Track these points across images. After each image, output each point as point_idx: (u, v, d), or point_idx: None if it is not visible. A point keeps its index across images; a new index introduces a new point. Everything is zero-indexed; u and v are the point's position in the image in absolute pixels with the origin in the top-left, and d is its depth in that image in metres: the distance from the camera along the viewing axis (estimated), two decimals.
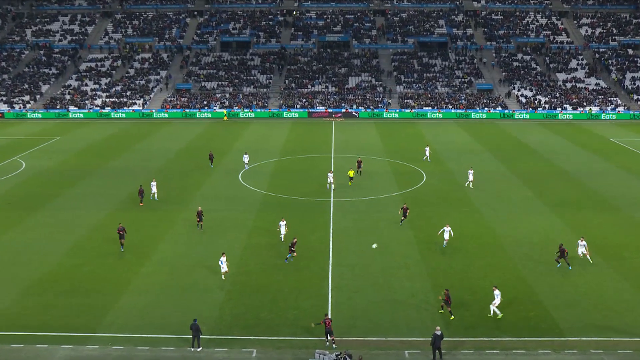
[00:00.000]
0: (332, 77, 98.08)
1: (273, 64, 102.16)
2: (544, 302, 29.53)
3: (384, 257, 35.09)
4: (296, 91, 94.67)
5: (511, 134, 74.89)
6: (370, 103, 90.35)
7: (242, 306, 29.33)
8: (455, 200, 46.03)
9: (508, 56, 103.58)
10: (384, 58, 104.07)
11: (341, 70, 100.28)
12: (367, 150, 64.59)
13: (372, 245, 34.97)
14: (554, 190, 48.91)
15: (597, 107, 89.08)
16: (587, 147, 66.07)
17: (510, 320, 28.03)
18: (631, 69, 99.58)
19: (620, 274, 32.72)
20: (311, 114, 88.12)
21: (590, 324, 27.48)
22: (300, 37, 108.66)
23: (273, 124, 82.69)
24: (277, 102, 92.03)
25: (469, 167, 51.83)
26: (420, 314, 28.63)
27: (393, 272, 33.06)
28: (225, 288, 31.11)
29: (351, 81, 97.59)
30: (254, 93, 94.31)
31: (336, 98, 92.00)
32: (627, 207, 44.26)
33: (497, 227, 40.07)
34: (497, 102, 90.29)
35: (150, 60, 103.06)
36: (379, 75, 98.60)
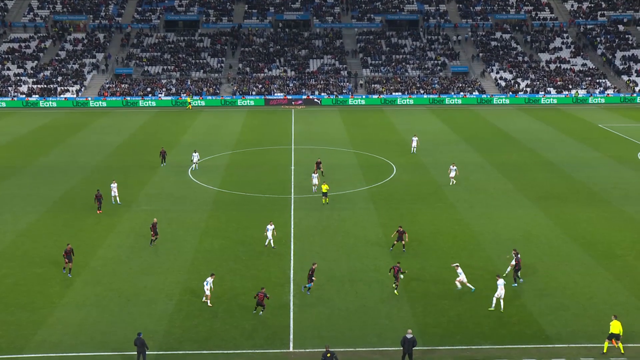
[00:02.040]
0: (291, 60, 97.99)
1: (225, 45, 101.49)
2: (528, 306, 30.11)
3: (350, 259, 35.30)
4: (251, 76, 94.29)
5: (489, 121, 76.08)
6: (333, 89, 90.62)
7: (194, 317, 29.13)
8: (428, 195, 46.58)
9: (486, 35, 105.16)
10: (348, 38, 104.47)
11: (301, 52, 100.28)
12: (330, 141, 64.81)
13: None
14: (537, 183, 49.89)
15: (584, 90, 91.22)
16: (574, 135, 67.60)
17: (491, 326, 28.50)
18: (622, 47, 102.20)
19: (613, 273, 33.55)
20: (268, 101, 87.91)
21: (579, 330, 28.13)
22: (255, 15, 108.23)
23: (226, 113, 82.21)
24: (230, 89, 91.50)
25: (449, 161, 52.34)
26: (391, 321, 28.89)
27: (361, 275, 33.26)
28: (174, 298, 30.84)
29: (312, 64, 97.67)
30: (204, 78, 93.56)
31: (296, 83, 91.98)
32: (617, 200, 45.45)
33: (474, 224, 40.68)
34: (473, 86, 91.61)
35: (84, 42, 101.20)
36: (343, 58, 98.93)
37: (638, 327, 28.18)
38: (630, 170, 53.31)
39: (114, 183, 45.37)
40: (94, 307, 30.03)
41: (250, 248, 36.94)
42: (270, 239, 36.65)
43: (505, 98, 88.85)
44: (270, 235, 36.61)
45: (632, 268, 34.19)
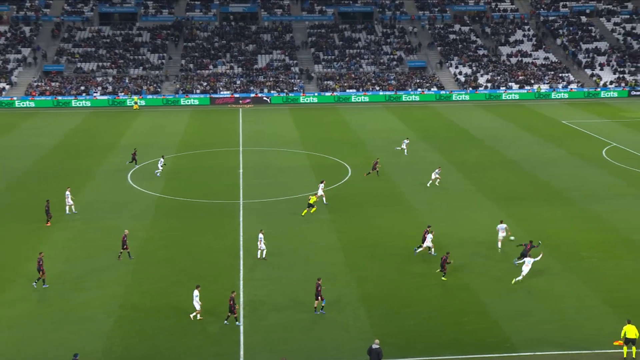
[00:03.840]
0: (237, 56, 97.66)
1: (166, 40, 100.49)
2: (492, 313, 30.63)
3: (304, 267, 35.36)
4: (195, 73, 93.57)
5: (449, 118, 77.23)
6: (284, 86, 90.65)
7: (135, 334, 28.71)
8: (386, 198, 46.98)
9: (444, 28, 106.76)
10: (299, 32, 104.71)
11: (248, 47, 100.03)
12: (281, 141, 64.82)
13: (510, 238, 37.66)
14: (499, 182, 50.85)
15: (547, 84, 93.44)
16: (536, 132, 69.14)
17: (453, 334, 28.89)
18: (585, 39, 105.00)
19: (579, 276, 34.36)
20: (214, 100, 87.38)
21: (545, 337, 28.69)
22: (198, 7, 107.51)
23: (168, 113, 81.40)
24: (173, 87, 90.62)
25: (406, 161, 52.84)
26: (349, 333, 29.03)
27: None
28: (114, 314, 30.35)
29: (261, 60, 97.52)
30: (144, 76, 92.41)
31: (243, 81, 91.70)
32: (582, 200, 46.64)
33: (434, 227, 41.10)
34: (431, 82, 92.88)
35: (8, 35, 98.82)
36: (294, 53, 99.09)
37: (607, 331, 28.94)
38: (594, 168, 54.80)
39: (68, 191, 44.22)
40: (25, 327, 29.32)
41: (196, 258, 36.64)
42: (263, 249, 36.21)
43: (465, 94, 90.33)
44: (262, 245, 36.16)
45: (598, 270, 35.12)
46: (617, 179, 51.51)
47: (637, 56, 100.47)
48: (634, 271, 35.00)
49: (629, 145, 62.74)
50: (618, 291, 32.68)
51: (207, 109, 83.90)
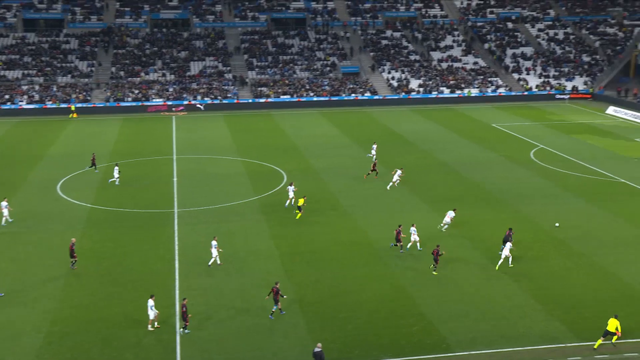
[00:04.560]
0: (170, 63, 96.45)
1: (95, 47, 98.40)
2: (427, 315, 31.10)
3: (241, 275, 35.15)
4: (126, 81, 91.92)
5: (382, 122, 78.14)
6: (217, 93, 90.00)
7: (67, 350, 27.92)
8: (321, 203, 47.15)
9: (376, 33, 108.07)
10: (231, 38, 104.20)
11: (180, 54, 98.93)
12: (216, 148, 64.32)
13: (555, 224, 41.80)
14: (432, 185, 51.71)
15: (477, 88, 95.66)
16: (467, 135, 70.64)
17: (391, 338, 29.18)
18: (512, 44, 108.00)
19: (511, 276, 35.23)
20: (146, 108, 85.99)
21: (480, 336, 29.30)
22: (128, 13, 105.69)
23: (99, 121, 79.66)
24: (103, 95, 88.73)
25: (341, 166, 53.15)
26: (287, 338, 28.97)
27: (254, 292, 33.16)
28: (43, 330, 29.44)
29: (193, 67, 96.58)
30: (73, 84, 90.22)
31: (176, 88, 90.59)
32: (513, 201, 47.88)
33: (370, 231, 41.60)
34: (365, 87, 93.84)
35: None
36: (227, 60, 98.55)
37: (537, 330, 29.76)
38: (524, 170, 56.32)
39: (4, 201, 42.80)
40: None
41: (129, 269, 35.94)
42: (217, 255, 36.02)
43: (398, 98, 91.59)
44: (216, 252, 35.99)
45: (530, 269, 36.08)
46: (544, 180, 53.08)
47: (561, 61, 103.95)
48: (561, 269, 36.13)
49: (555, 147, 64.79)
50: (547, 289, 33.65)
51: (139, 117, 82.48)
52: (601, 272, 35.75)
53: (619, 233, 41.43)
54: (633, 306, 31.89)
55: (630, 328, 29.79)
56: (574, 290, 33.58)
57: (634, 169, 57.01)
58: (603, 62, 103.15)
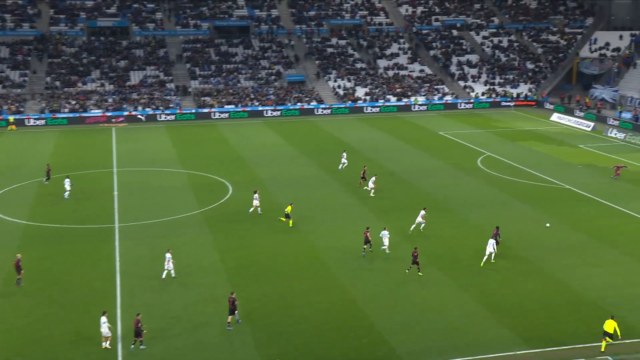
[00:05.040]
0: (108, 73, 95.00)
1: (28, 56, 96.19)
2: (377, 326, 31.21)
3: (186, 290, 34.71)
4: (62, 91, 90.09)
5: (329, 131, 78.50)
6: (159, 103, 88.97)
7: None
8: (267, 214, 46.97)
9: (321, 41, 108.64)
10: (173, 47, 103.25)
11: (120, 63, 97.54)
12: (158, 161, 63.53)
13: (546, 225, 43.69)
14: (380, 194, 52.04)
15: (423, 96, 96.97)
16: (415, 143, 71.48)
17: (341, 351, 29.17)
18: (457, 52, 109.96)
19: (459, 284, 35.70)
20: (84, 119, 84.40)
21: (431, 346, 29.55)
22: (64, 21, 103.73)
23: (34, 133, 77.82)
24: (38, 106, 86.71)
25: (287, 177, 53.07)
26: (234, 355, 28.69)
27: (199, 308, 32.79)
28: None
29: (134, 77, 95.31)
30: (4, 95, 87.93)
31: (116, 98, 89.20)
32: (460, 208, 48.59)
33: (318, 242, 41.65)
34: (311, 96, 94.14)
35: None
36: (169, 69, 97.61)
37: (487, 338, 30.19)
38: (471, 178, 57.25)
39: None
40: None
41: (68, 287, 35.09)
42: (171, 269, 35.69)
43: (344, 107, 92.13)
44: (171, 266, 35.69)
45: (478, 277, 36.63)
46: (492, 188, 54.07)
47: (506, 68, 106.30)
48: (510, 276, 36.78)
49: (501, 154, 66.09)
50: (496, 297, 34.20)
51: (77, 129, 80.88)
52: (548, 278, 36.51)
53: (565, 239, 42.44)
54: (580, 312, 32.65)
55: (578, 333, 30.48)
56: (522, 297, 34.20)
57: (578, 175, 58.58)
58: (546, 70, 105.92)
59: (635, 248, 40.88)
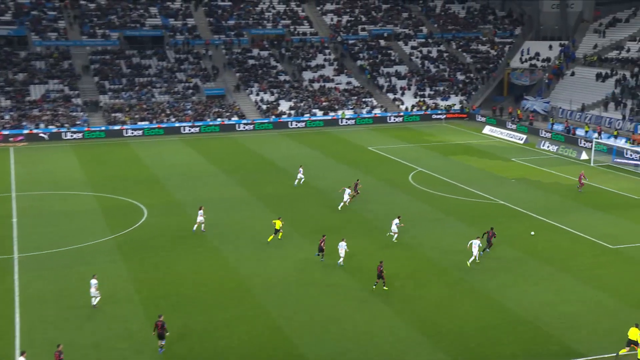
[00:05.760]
0: (4, 87, 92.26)
1: None
2: (307, 356, 31.13)
3: (97, 325, 33.82)
4: None
5: (252, 148, 78.41)
6: (64, 120, 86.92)
7: None
8: (186, 239, 46.48)
9: (242, 52, 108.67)
10: (79, 59, 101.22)
11: (18, 76, 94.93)
12: (64, 183, 61.99)
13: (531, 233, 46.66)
14: (308, 215, 52.22)
15: (351, 110, 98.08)
16: (344, 159, 72.11)
17: None
18: (385, 63, 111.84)
19: (392, 308, 35.98)
20: None
21: None
22: None
23: None
24: None
25: (207, 198, 52.45)
26: None
27: (111, 344, 31.99)
28: None
29: (34, 91, 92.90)
30: None
31: (14, 115, 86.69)
32: (390, 227, 49.17)
33: (241, 268, 41.37)
34: (232, 111, 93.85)
35: None
36: (74, 83, 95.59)
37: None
38: (402, 195, 58.09)
39: None
40: None
41: None
42: (97, 296, 35.24)
43: (268, 122, 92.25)
44: (94, 291, 35.30)
45: (412, 300, 37.07)
46: (424, 204, 55.00)
47: (435, 80, 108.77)
48: (444, 297, 37.37)
49: (433, 169, 67.39)
50: (431, 319, 34.67)
51: None
52: (483, 298, 37.28)
53: (500, 257, 43.45)
54: (516, 332, 33.39)
55: (515, 354, 31.19)
56: (457, 319, 34.78)
57: (511, 190, 60.25)
58: (477, 81, 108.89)
59: (570, 264, 42.25)
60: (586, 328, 33.71)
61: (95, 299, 35.59)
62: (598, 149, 73.10)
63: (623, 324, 33.42)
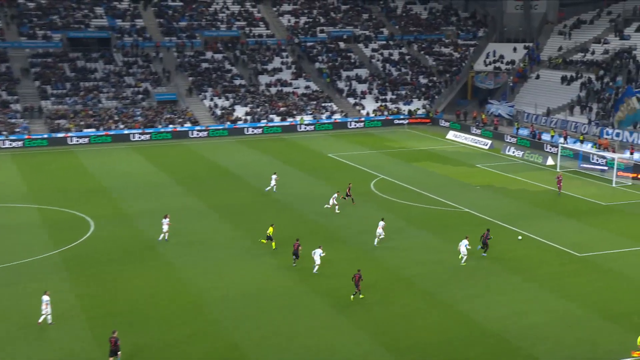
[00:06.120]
0: None
1: None
2: None
3: (40, 347, 33.36)
4: None
5: (206, 156, 78.17)
6: (2, 127, 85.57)
7: None
8: (138, 253, 46.14)
9: (195, 55, 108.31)
10: (17, 62, 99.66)
11: None
12: (2, 195, 61.00)
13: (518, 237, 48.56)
14: (266, 226, 52.09)
15: (310, 115, 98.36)
16: (302, 167, 72.25)
17: None
18: (345, 66, 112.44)
19: (354, 322, 36.08)
20: None
21: None
22: None
23: None
24: None
25: (159, 209, 52.16)
26: None
27: None
28: None
29: None
30: None
31: None
32: (354, 238, 49.44)
33: (197, 282, 41.17)
34: (184, 117, 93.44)
35: None
36: (13, 87, 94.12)
37: None
38: (365, 203, 58.36)
39: None
40: None
41: None
42: (48, 313, 35.07)
43: (223, 129, 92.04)
44: (49, 308, 35.11)
45: (376, 312, 37.26)
46: (386, 213, 55.24)
47: (397, 83, 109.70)
48: (409, 310, 37.63)
49: (396, 176, 67.92)
50: (395, 333, 34.89)
51: None
52: (449, 310, 37.66)
53: (465, 267, 43.94)
54: (483, 345, 33.78)
55: None
56: (423, 332, 35.10)
57: (476, 197, 61.04)
58: (440, 85, 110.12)
59: (537, 273, 42.94)
60: (554, 339, 34.28)
61: (47, 316, 35.22)
62: (564, 154, 74.45)
63: (591, 334, 34.14)
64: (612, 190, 64.24)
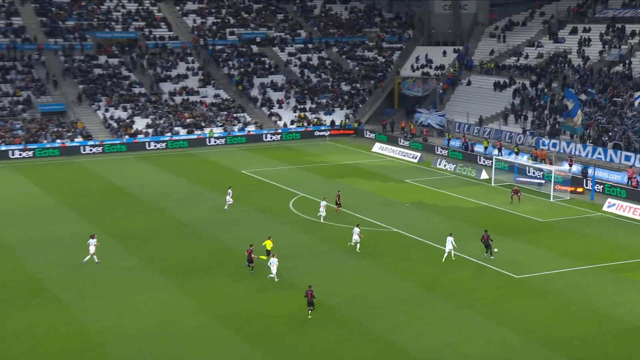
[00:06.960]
0: None
1: None
2: None
3: None
4: None
5: (101, 175, 76.88)
6: None
7: None
8: (20, 289, 44.87)
9: (85, 60, 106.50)
10: None
11: None
12: None
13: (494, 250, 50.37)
14: (171, 252, 51.51)
15: (221, 127, 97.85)
16: (212, 186, 71.58)
17: None
18: (258, 72, 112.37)
19: (272, 357, 35.89)
20: None
21: None
22: None
23: None
24: None
25: (41, 237, 51.03)
26: None
27: None
28: None
29: None
30: None
31: None
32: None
33: (88, 321, 40.13)
34: (75, 130, 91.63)
35: None
36: None
37: None
38: (284, 225, 58.23)
39: None
40: None
41: None
42: None
43: (120, 143, 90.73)
44: None
45: (298, 347, 37.07)
46: (308, 236, 55.37)
47: (317, 91, 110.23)
48: (333, 342, 37.50)
49: (316, 194, 67.82)
50: None
51: None
52: (378, 341, 37.73)
53: (394, 293, 44.20)
54: None
55: None
56: None
57: (405, 215, 61.67)
58: (364, 92, 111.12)
59: (473, 298, 43.49)
60: None
61: None
62: (499, 167, 76.00)
63: None
64: (550, 205, 65.82)
